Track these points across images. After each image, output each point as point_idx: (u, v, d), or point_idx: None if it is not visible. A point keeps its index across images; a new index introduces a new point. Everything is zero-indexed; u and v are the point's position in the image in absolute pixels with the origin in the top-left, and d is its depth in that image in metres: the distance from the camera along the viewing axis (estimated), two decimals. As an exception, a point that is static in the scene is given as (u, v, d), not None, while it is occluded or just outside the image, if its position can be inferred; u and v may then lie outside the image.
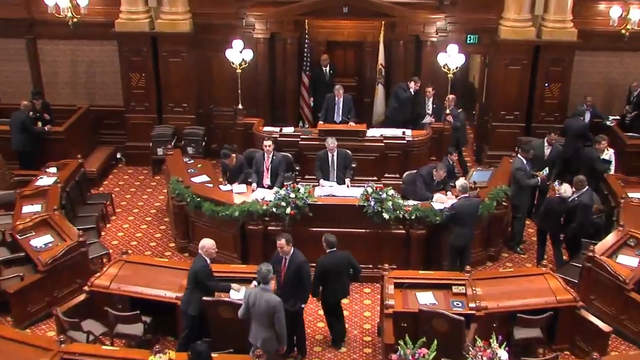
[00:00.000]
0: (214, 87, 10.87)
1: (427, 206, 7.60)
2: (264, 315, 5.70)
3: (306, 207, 7.46)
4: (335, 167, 8.43)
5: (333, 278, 6.50)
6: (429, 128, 9.74)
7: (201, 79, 10.82)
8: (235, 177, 8.49)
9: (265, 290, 5.76)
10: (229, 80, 10.45)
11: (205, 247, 6.21)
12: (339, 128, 9.43)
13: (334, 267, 6.46)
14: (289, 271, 6.17)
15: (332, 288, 6.54)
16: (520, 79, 10.27)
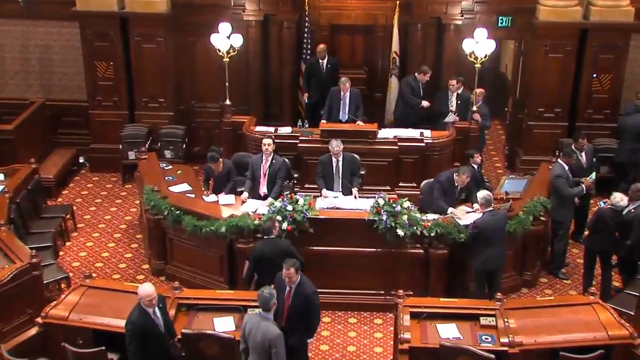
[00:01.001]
0: (196, 79, 11.02)
1: (449, 221, 7.68)
2: (259, 348, 5.75)
3: (306, 221, 7.56)
4: (341, 174, 8.53)
5: (265, 267, 6.77)
6: (452, 128, 9.85)
7: (181, 69, 10.96)
8: (222, 185, 8.60)
9: (265, 318, 5.80)
10: (215, 71, 10.59)
11: (140, 296, 5.89)
12: (345, 128, 9.56)
13: (269, 256, 6.77)
14: (295, 303, 6.22)
15: (264, 279, 6.79)
16: (563, 69, 10.38)
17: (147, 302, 5.92)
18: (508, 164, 11.23)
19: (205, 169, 8.89)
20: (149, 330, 5.92)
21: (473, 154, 8.78)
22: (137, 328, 5.87)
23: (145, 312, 5.91)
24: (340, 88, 9.96)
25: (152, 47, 10.58)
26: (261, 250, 6.91)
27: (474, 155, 8.77)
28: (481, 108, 9.91)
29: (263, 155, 8.47)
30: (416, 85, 10.19)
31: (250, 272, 6.97)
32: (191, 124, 11.09)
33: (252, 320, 5.89)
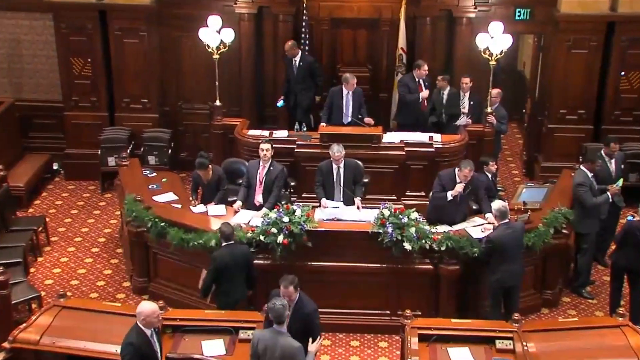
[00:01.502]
0: (183, 78, 11.11)
1: (462, 234, 7.71)
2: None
3: (303, 234, 7.60)
4: (342, 182, 8.59)
5: (227, 276, 6.95)
6: (464, 132, 9.92)
7: (166, 67, 11.05)
8: (211, 194, 8.66)
9: (280, 332, 5.76)
10: (203, 69, 10.68)
11: (142, 314, 5.79)
12: (347, 132, 9.63)
13: (231, 263, 6.97)
14: (294, 322, 6.23)
15: (226, 288, 6.96)
16: (587, 66, 10.46)
17: (150, 321, 5.78)
18: (526, 171, 11.30)
19: (193, 177, 8.94)
20: (147, 353, 5.85)
21: (487, 162, 8.84)
22: (136, 350, 5.77)
23: (144, 333, 5.85)
24: (340, 88, 10.03)
25: (134, 42, 10.66)
26: (223, 258, 7.01)
27: (488, 163, 8.82)
28: (498, 111, 9.99)
29: (260, 161, 8.54)
30: (413, 85, 10.23)
31: (209, 282, 7.07)
32: (177, 127, 11.17)
33: (264, 337, 5.80)
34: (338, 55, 11.29)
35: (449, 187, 8.15)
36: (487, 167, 8.80)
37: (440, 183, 8.24)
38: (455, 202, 8.15)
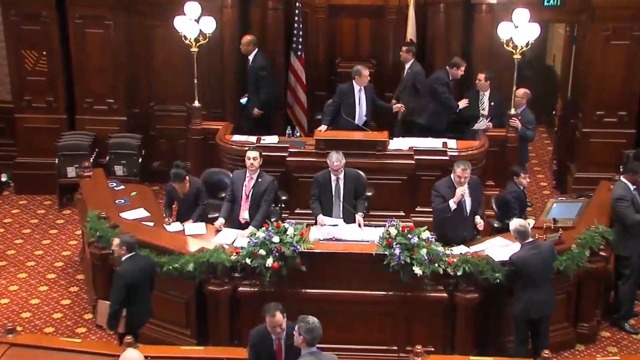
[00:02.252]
0: (156, 75, 11.17)
1: (482, 257, 7.75)
2: None
3: (297, 257, 7.61)
4: (342, 196, 8.63)
5: (138, 292, 7.12)
6: (483, 137, 9.98)
7: (136, 62, 11.10)
8: (189, 211, 8.70)
9: (318, 354, 5.88)
10: (180, 64, 10.74)
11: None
12: (347, 137, 9.69)
13: (141, 277, 7.17)
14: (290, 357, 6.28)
15: (138, 307, 7.06)
16: (629, 60, 10.51)
17: None
18: (557, 183, 11.35)
19: (167, 190, 8.98)
20: None
21: (519, 173, 8.87)
22: None
23: None
24: (350, 85, 10.10)
25: (98, 32, 10.71)
26: (132, 273, 7.14)
27: (519, 174, 8.86)
28: (524, 115, 10.06)
29: (246, 171, 8.58)
30: (448, 79, 10.36)
31: (119, 304, 7.11)
32: (149, 132, 11.22)
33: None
34: (337, 49, 11.36)
35: (449, 196, 8.23)
36: (518, 179, 8.84)
37: (439, 194, 8.32)
38: (463, 214, 8.24)
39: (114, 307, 7.16)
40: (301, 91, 11.19)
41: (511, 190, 8.89)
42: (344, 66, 11.13)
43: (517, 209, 8.77)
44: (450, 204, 8.18)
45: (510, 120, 9.92)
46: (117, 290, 7.13)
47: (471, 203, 8.33)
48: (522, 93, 10.05)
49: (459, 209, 8.26)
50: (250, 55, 10.60)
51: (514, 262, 7.41)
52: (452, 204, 8.18)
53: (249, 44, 10.58)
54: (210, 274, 7.75)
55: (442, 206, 8.25)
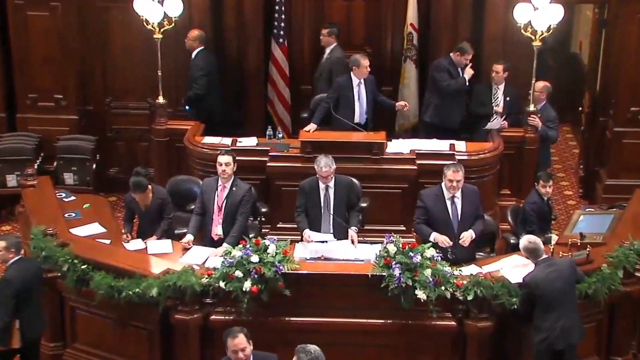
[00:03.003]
0: (112, 66, 11.18)
1: (496, 278, 7.78)
2: None
3: (279, 279, 7.60)
4: (332, 207, 8.67)
5: (29, 300, 7.23)
6: (497, 138, 10.05)
7: (89, 51, 11.11)
8: (152, 225, 8.72)
9: None
10: (141, 53, 10.80)
11: None
12: (338, 138, 9.74)
13: (32, 280, 7.31)
14: None
15: (30, 318, 7.12)
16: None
17: None
18: (584, 191, 11.43)
19: (126, 202, 9.00)
20: None
21: (542, 179, 8.90)
22: None
23: None
24: (348, 77, 10.15)
25: (43, 16, 10.73)
26: (22, 278, 7.26)
27: (541, 180, 8.88)
28: (545, 111, 10.14)
29: (218, 179, 8.60)
30: (454, 70, 10.43)
31: (10, 315, 7.17)
32: (105, 133, 11.23)
33: None
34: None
35: (435, 207, 8.33)
36: (540, 185, 8.88)
37: (422, 205, 8.40)
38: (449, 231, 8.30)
39: (4, 319, 7.20)
40: (284, 85, 11.25)
41: (530, 201, 8.95)
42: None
43: (535, 223, 8.83)
44: (430, 236, 8.26)
45: (529, 119, 9.98)
46: (5, 299, 7.18)
47: (461, 216, 8.39)
48: (542, 86, 10.12)
49: (444, 224, 8.33)
50: (194, 52, 10.65)
51: (527, 283, 7.44)
52: (432, 237, 8.26)
53: (195, 40, 10.63)
54: (178, 300, 7.71)
55: (420, 229, 8.37)
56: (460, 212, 8.40)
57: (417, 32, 11.02)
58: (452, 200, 8.40)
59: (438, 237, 8.27)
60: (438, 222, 8.40)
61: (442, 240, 8.24)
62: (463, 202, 8.40)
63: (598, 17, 11.41)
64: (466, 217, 8.41)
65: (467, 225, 8.40)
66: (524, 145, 10.05)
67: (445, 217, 8.38)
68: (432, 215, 8.41)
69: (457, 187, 8.31)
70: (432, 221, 8.42)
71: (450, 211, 8.40)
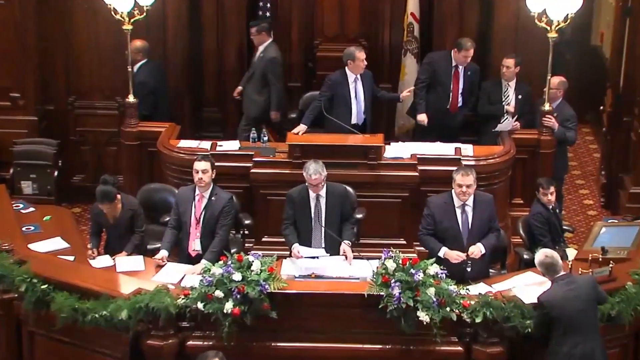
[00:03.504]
0: (77, 62, 11.19)
1: (508, 298, 7.76)
2: None
3: (265, 300, 7.59)
4: (324, 219, 8.67)
5: None
6: (508, 141, 10.07)
7: (50, 45, 11.12)
8: (121, 240, 8.72)
9: None
10: (109, 47, 10.84)
11: None
12: (330, 142, 9.75)
13: None
14: None
15: None
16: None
17: None
18: (606, 200, 11.45)
19: (92, 214, 8.99)
20: None
21: (544, 185, 8.97)
22: None
23: None
24: (343, 73, 10.16)
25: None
26: None
27: (544, 186, 8.94)
28: (561, 110, 10.15)
29: (196, 188, 8.61)
30: (447, 67, 10.42)
31: None
32: (68, 136, 11.23)
33: None
34: (316, 26, 11.50)
35: (443, 216, 8.32)
36: (542, 194, 8.93)
37: (428, 213, 8.39)
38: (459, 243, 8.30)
39: None
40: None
41: (534, 212, 8.99)
42: (325, 49, 11.25)
43: (547, 236, 8.87)
44: (440, 252, 8.27)
45: (544, 119, 9.99)
46: None
47: (471, 228, 8.39)
48: (558, 82, 10.12)
49: (453, 236, 8.33)
50: (136, 66, 10.63)
51: (543, 304, 7.42)
52: (441, 253, 8.27)
53: (138, 52, 10.58)
54: (150, 323, 7.68)
55: (426, 241, 8.36)
56: (470, 222, 8.40)
57: (419, 23, 11.07)
58: (463, 209, 8.39)
59: (449, 253, 8.27)
60: (446, 233, 8.39)
61: (454, 256, 8.24)
62: (475, 211, 8.40)
63: (622, 5, 11.41)
64: (477, 228, 8.40)
65: (478, 238, 8.39)
66: (538, 149, 10.06)
67: (454, 227, 8.38)
68: (439, 225, 8.40)
69: (467, 194, 8.30)
70: (440, 232, 8.42)
71: (459, 221, 8.40)
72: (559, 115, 10.08)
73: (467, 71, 10.48)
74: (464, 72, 10.48)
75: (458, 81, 10.49)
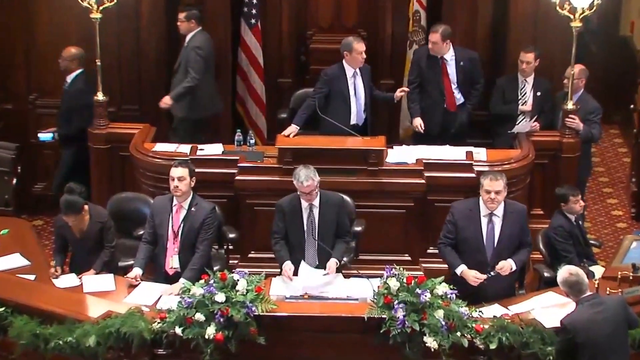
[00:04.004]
0: (39, 55, 11.18)
1: (525, 321, 7.76)
2: None
3: (252, 324, 7.60)
4: (317, 232, 8.65)
5: None
6: (526, 143, 10.08)
7: (8, 36, 11.12)
8: (89, 256, 8.68)
9: None
10: (75, 38, 10.78)
11: None
12: (325, 145, 9.73)
13: None
14: None
15: None
16: None
17: None
18: (637, 211, 11.44)
19: (56, 226, 8.93)
20: None
21: (566, 196, 8.93)
22: None
23: None
24: (340, 67, 10.15)
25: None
26: None
27: (568, 198, 8.91)
28: (584, 102, 10.13)
29: (173, 198, 8.59)
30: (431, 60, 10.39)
31: None
32: (28, 139, 11.20)
33: None
34: (309, 16, 11.52)
35: (467, 224, 8.29)
36: (568, 205, 8.90)
37: (452, 220, 8.36)
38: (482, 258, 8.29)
39: None
40: (256, 77, 11.32)
41: (555, 225, 8.96)
42: (320, 41, 11.25)
43: (572, 252, 8.85)
44: (458, 269, 8.26)
45: (568, 120, 9.98)
46: None
47: (498, 241, 8.35)
48: (579, 71, 10.09)
49: (475, 248, 8.30)
50: (70, 76, 10.60)
51: (567, 328, 7.38)
52: (459, 271, 8.25)
53: (72, 60, 10.52)
54: (122, 351, 7.68)
55: (445, 253, 8.33)
56: (498, 235, 8.36)
57: (426, 11, 11.09)
58: (490, 219, 8.37)
59: (467, 272, 8.23)
60: (465, 244, 8.37)
61: (472, 277, 8.21)
62: (504, 222, 8.36)
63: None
64: (505, 242, 8.37)
65: (505, 253, 8.36)
66: (560, 153, 10.05)
67: (477, 239, 8.34)
68: (461, 234, 8.37)
69: (496, 201, 8.25)
70: (461, 242, 8.40)
71: (484, 232, 8.36)
72: (581, 108, 10.05)
73: (459, 61, 10.42)
74: (456, 63, 10.42)
75: (447, 75, 10.43)
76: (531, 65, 10.35)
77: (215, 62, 11.07)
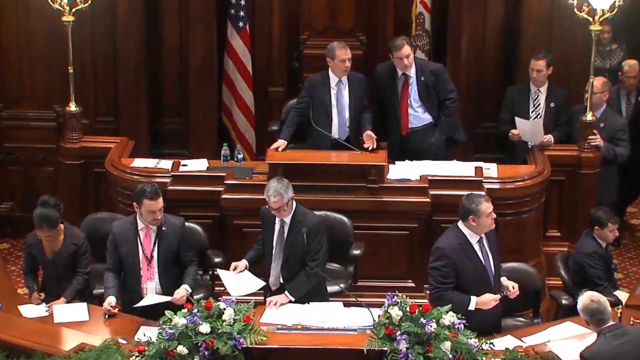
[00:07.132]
0: (4, 62, 11.24)
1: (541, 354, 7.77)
2: None
3: (240, 357, 7.61)
4: (283, 253, 8.62)
5: None
6: (541, 159, 10.11)
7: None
8: (60, 281, 8.69)
9: None
10: (45, 45, 10.86)
11: None
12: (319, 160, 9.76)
13: None
14: None
15: None
16: None
17: None
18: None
19: (27, 244, 8.93)
20: None
21: (605, 221, 8.89)
22: None
23: None
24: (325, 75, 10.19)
25: None
26: None
27: (605, 223, 8.88)
28: (609, 118, 10.21)
29: (137, 221, 8.57)
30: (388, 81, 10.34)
31: None
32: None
33: None
34: (303, 18, 11.62)
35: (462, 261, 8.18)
36: (602, 232, 8.90)
37: (449, 264, 8.19)
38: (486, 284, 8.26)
39: None
40: (245, 86, 11.36)
41: (588, 252, 8.95)
42: (314, 45, 11.30)
43: (605, 280, 8.87)
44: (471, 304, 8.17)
45: (590, 138, 9.99)
46: None
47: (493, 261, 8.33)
48: (601, 84, 10.15)
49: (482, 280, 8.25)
50: None
51: (586, 358, 7.40)
52: (472, 305, 8.17)
53: None
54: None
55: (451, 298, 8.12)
56: (491, 255, 8.32)
57: (431, 13, 11.16)
58: (481, 244, 8.32)
59: (482, 299, 8.17)
60: (472, 281, 8.26)
61: (492, 300, 8.16)
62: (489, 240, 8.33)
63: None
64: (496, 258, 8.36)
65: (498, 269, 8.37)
66: (579, 169, 10.09)
67: (483, 269, 8.26)
68: (464, 275, 8.25)
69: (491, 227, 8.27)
70: (465, 283, 8.28)
71: (482, 259, 8.28)
72: (605, 126, 10.07)
73: (419, 77, 10.29)
74: (417, 79, 10.28)
75: (406, 94, 10.30)
76: (543, 73, 10.37)
77: (199, 69, 11.11)
